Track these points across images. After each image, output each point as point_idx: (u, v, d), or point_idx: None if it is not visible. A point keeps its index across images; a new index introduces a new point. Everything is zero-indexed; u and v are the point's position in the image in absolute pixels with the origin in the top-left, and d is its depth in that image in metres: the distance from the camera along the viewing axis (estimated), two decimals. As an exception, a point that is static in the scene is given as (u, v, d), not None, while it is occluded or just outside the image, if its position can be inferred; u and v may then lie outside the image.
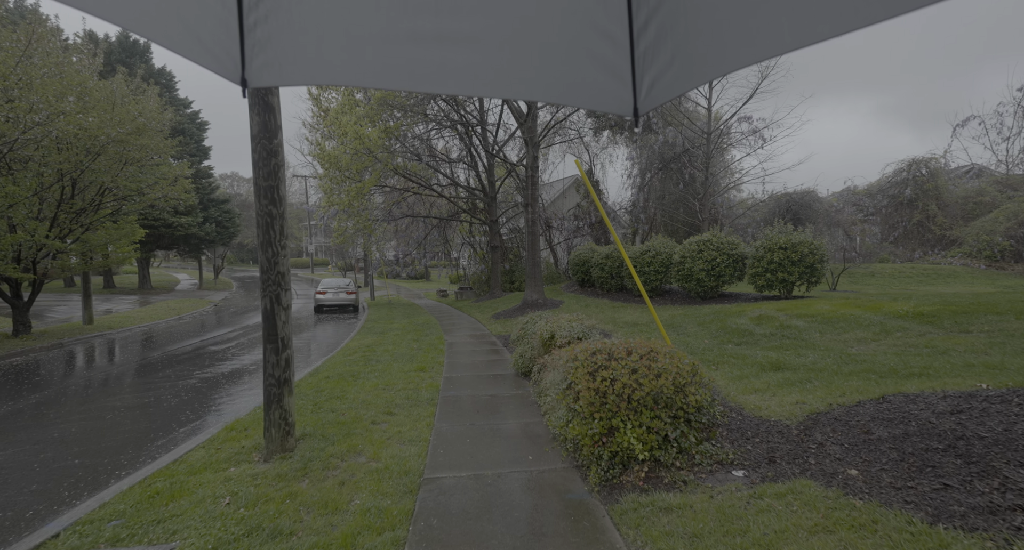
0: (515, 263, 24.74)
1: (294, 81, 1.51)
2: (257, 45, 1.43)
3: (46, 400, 6.75)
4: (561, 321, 6.25)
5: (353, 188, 16.53)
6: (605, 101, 1.58)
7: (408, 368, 7.79)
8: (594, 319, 11.98)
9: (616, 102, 1.57)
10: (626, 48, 1.48)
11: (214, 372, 8.57)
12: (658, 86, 1.49)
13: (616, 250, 14.70)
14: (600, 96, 1.58)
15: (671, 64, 1.41)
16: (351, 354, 9.24)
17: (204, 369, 8.80)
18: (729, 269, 11.33)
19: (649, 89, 1.51)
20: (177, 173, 13.52)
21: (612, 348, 4.00)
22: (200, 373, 8.46)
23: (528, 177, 14.28)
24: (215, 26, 1.36)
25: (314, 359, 9.49)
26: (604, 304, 13.53)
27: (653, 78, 1.48)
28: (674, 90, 1.46)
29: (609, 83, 1.53)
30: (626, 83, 1.53)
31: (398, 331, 12.52)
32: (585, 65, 1.51)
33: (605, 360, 3.80)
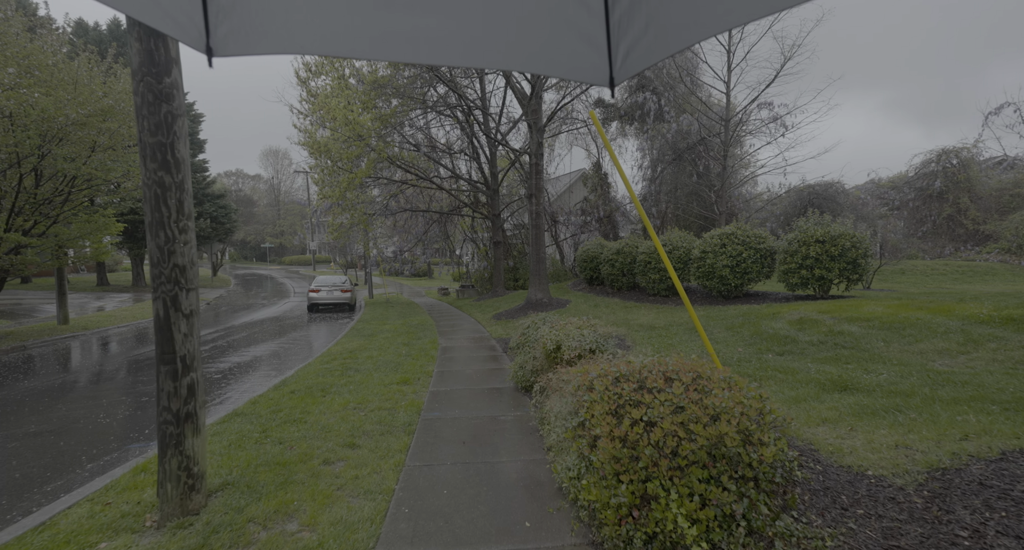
0: (519, 260, 23.59)
1: (262, 50, 1.44)
2: (221, 11, 1.37)
3: (-40, 418, 5.71)
4: (569, 328, 5.10)
5: (345, 179, 15.44)
6: (581, 70, 1.57)
7: (390, 380, 6.68)
8: (604, 321, 10.83)
9: (592, 71, 1.57)
10: (601, 16, 1.47)
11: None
12: (633, 54, 1.48)
13: (628, 245, 13.52)
14: (576, 65, 1.57)
15: (645, 32, 1.40)
16: (330, 361, 8.15)
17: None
18: (756, 265, 10.12)
19: (624, 57, 1.50)
20: None
21: (642, 372, 2.84)
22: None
23: (532, 165, 13.12)
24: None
25: (288, 366, 8.42)
26: (615, 304, 12.36)
27: (628, 46, 1.47)
28: (649, 58, 1.45)
29: (585, 51, 1.52)
30: (602, 51, 1.52)
31: (389, 333, 11.42)
32: (561, 33, 1.49)
33: (635, 392, 2.65)
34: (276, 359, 9.28)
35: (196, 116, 29.69)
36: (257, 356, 9.57)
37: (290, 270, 55.13)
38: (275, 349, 10.40)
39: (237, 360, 9.13)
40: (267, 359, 9.25)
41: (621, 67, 1.51)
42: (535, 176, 13.11)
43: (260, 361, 9.05)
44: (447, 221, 23.20)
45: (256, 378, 7.66)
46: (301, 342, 11.38)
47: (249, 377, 7.74)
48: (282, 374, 7.69)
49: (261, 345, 10.94)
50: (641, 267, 12.46)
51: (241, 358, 9.35)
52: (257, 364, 8.78)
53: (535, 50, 1.52)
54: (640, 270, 12.56)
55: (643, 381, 2.75)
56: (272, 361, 9.07)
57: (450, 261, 31.10)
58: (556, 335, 4.91)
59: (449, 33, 1.43)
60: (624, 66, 1.50)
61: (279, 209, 67.75)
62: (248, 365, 8.69)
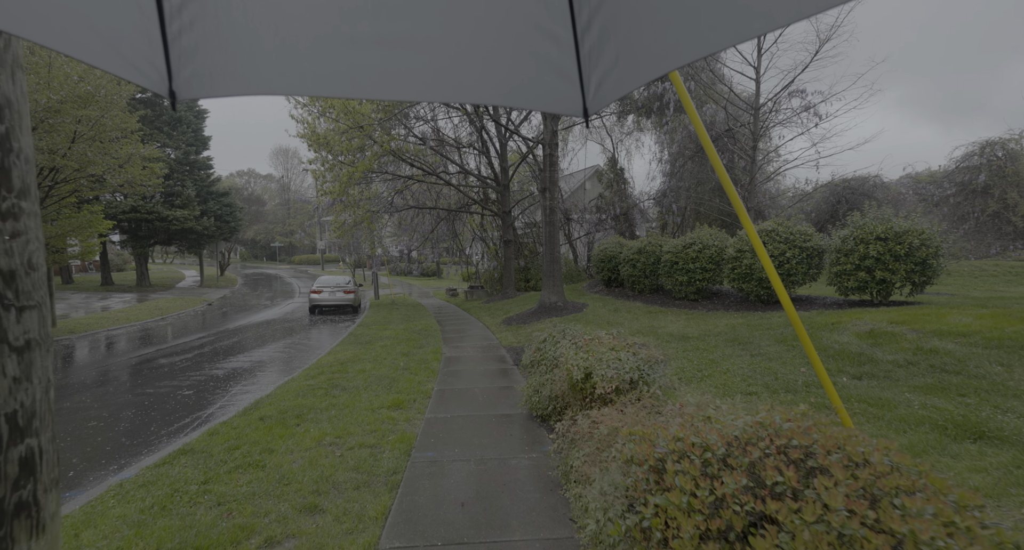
0: (530, 260, 22.49)
1: (228, 92, 1.43)
2: (184, 55, 1.35)
3: None
4: (599, 347, 3.99)
5: (345, 173, 14.48)
6: (554, 102, 1.58)
7: (380, 402, 5.63)
8: (627, 329, 9.68)
9: (565, 103, 1.57)
10: (571, 48, 1.47)
11: (122, 403, 6.55)
12: (605, 85, 1.48)
13: (650, 244, 12.34)
14: (549, 97, 1.57)
15: (616, 63, 1.40)
16: (316, 375, 7.13)
17: (125, 394, 6.80)
18: (802, 266, 8.89)
19: (597, 89, 1.50)
20: (131, 152, 11.52)
21: (746, 447, 1.73)
22: (114, 401, 6.45)
23: (546, 157, 12.01)
24: (134, 35, 1.26)
25: (270, 380, 7.42)
26: (637, 309, 11.20)
27: (600, 77, 1.47)
28: (621, 88, 1.44)
29: (557, 84, 1.52)
30: (574, 83, 1.52)
31: (389, 340, 10.41)
32: (531, 66, 1.49)
33: (744, 491, 1.53)
34: (260, 371, 8.30)
35: (200, 112, 29.07)
36: (239, 367, 8.61)
37: (299, 269, 54.71)
38: (262, 358, 9.44)
39: (215, 372, 8.17)
40: (249, 371, 8.28)
41: (594, 98, 1.52)
42: (549, 169, 12.00)
43: (240, 374, 8.08)
44: (455, 219, 22.18)
45: (229, 396, 6.67)
46: (293, 350, 10.41)
47: (221, 394, 6.75)
48: (259, 391, 6.69)
49: (249, 353, 10.00)
50: (666, 268, 11.28)
51: (221, 369, 8.39)
52: (236, 377, 7.80)
53: (507, 84, 1.53)
54: (665, 271, 11.39)
55: (753, 466, 1.63)
56: (254, 373, 8.09)
57: (459, 261, 30.11)
58: (584, 360, 3.79)
59: (419, 69, 1.43)
60: (597, 97, 1.52)
61: (289, 208, 67.52)
62: (226, 378, 7.71)
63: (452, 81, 1.48)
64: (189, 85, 1.38)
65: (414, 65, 1.41)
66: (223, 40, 1.34)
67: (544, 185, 12.09)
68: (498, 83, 1.51)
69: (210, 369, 8.39)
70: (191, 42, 1.33)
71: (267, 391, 6.49)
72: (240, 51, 1.35)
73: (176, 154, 26.95)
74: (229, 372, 8.14)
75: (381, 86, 1.44)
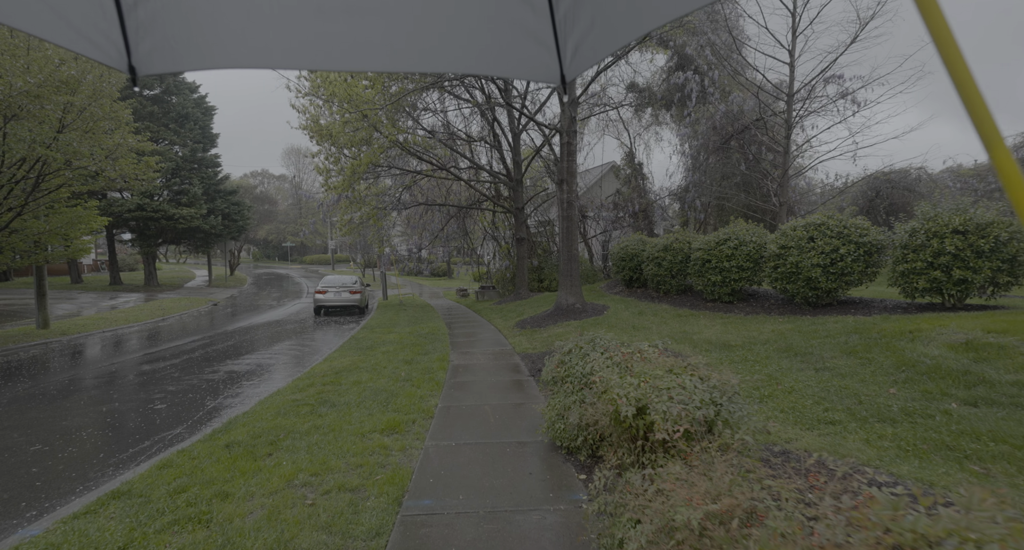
0: (543, 259, 21.53)
1: (190, 66, 1.37)
2: (141, 28, 1.27)
3: None
4: (650, 369, 3.01)
5: (349, 167, 13.67)
6: (532, 69, 1.54)
7: (373, 424, 4.72)
8: (656, 334, 8.66)
9: (543, 70, 1.53)
10: (546, 14, 1.43)
11: (82, 421, 5.74)
12: (582, 50, 1.45)
13: (677, 240, 11.28)
14: (526, 65, 1.54)
15: (592, 27, 1.37)
16: (305, 387, 6.26)
17: (90, 407, 6.00)
18: (859, 264, 7.79)
19: (573, 54, 1.47)
20: (119, 142, 10.76)
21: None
22: (73, 417, 5.64)
23: (563, 146, 11.03)
24: (87, 7, 1.19)
25: (254, 393, 6.57)
26: (664, 311, 10.16)
27: (576, 43, 1.44)
28: (598, 53, 1.43)
29: (533, 50, 1.48)
30: (550, 49, 1.48)
31: (392, 345, 9.53)
32: (506, 33, 1.45)
33: None
34: (247, 380, 7.46)
35: (208, 109, 28.64)
36: (225, 376, 7.79)
37: (310, 269, 54.47)
38: (254, 365, 8.62)
39: (198, 382, 7.35)
40: (234, 381, 7.45)
41: (571, 64, 1.49)
42: (567, 158, 11.03)
43: (224, 384, 7.25)
44: (466, 216, 21.30)
45: (204, 412, 5.82)
46: (289, 355, 9.59)
47: (195, 410, 5.91)
48: (239, 406, 5.84)
49: (240, 359, 9.20)
50: (696, 267, 10.22)
51: (205, 378, 7.58)
52: (219, 388, 6.97)
53: (483, 51, 1.49)
54: (695, 270, 10.32)
55: None
56: (239, 384, 7.26)
57: (469, 261, 29.25)
58: (636, 388, 2.80)
59: (391, 38, 1.38)
60: (574, 63, 1.49)
61: (300, 208, 67.42)
62: (207, 389, 6.89)
63: (426, 49, 1.44)
64: (149, 60, 1.32)
65: (386, 33, 1.35)
66: (183, 11, 1.27)
67: (561, 176, 11.11)
68: (473, 51, 1.48)
69: (193, 378, 7.58)
70: (148, 14, 1.27)
71: (247, 406, 5.63)
72: (202, 22, 1.28)
73: (183, 152, 26.52)
74: (212, 382, 7.32)
75: (352, 57, 1.40)
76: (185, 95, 27.35)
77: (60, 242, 12.35)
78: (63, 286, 28.56)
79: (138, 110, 25.16)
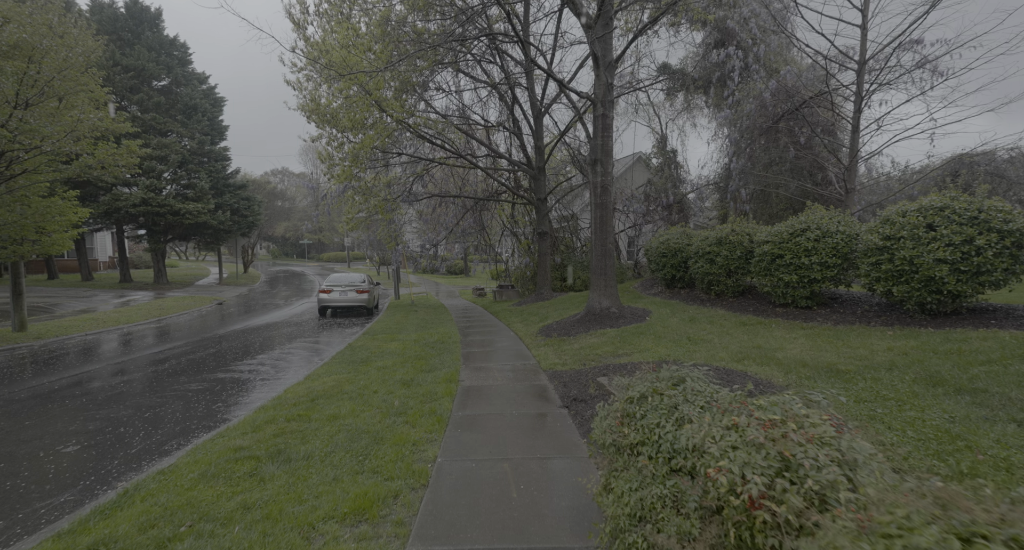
0: (567, 255, 19.72)
1: None
2: None
3: None
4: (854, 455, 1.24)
5: (351, 149, 12.14)
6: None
7: (332, 505, 3.08)
8: (721, 350, 6.85)
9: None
10: None
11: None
12: None
13: (734, 232, 9.38)
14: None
15: None
16: (264, 425, 4.67)
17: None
18: (1003, 259, 5.83)
19: None
20: (78, 117, 9.26)
21: None
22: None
23: (597, 119, 9.24)
24: None
25: (200, 427, 5.02)
26: (722, 318, 8.31)
27: None
28: None
29: None
30: None
31: (392, 357, 7.92)
32: None
33: None
34: (200, 406, 5.93)
35: (218, 100, 27.64)
36: (178, 398, 6.28)
37: (326, 267, 53.71)
38: (218, 383, 7.11)
39: (137, 409, 5.85)
40: (186, 408, 5.92)
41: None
42: (601, 134, 9.23)
43: (171, 413, 5.73)
44: (482, 209, 19.62)
45: (120, 462, 4.27)
46: (268, 368, 8.07)
47: (113, 455, 4.37)
48: (164, 456, 4.27)
49: (211, 373, 7.71)
50: (763, 263, 8.33)
51: (153, 402, 6.08)
52: (160, 419, 5.45)
53: None
54: (760, 268, 8.43)
55: None
56: (188, 414, 5.73)
57: (486, 258, 27.61)
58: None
59: None
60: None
61: (317, 205, 66.87)
62: (145, 422, 5.37)
63: None
64: None
65: None
66: None
67: (594, 156, 9.31)
68: None
69: (139, 402, 6.10)
70: None
71: (174, 457, 4.07)
72: None
73: (190, 144, 25.52)
74: (156, 412, 5.80)
75: None
76: (193, 86, 26.37)
77: (34, 235, 11.13)
78: (73, 284, 27.99)
79: (144, 101, 24.25)
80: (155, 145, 23.54)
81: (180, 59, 26.31)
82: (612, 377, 5.74)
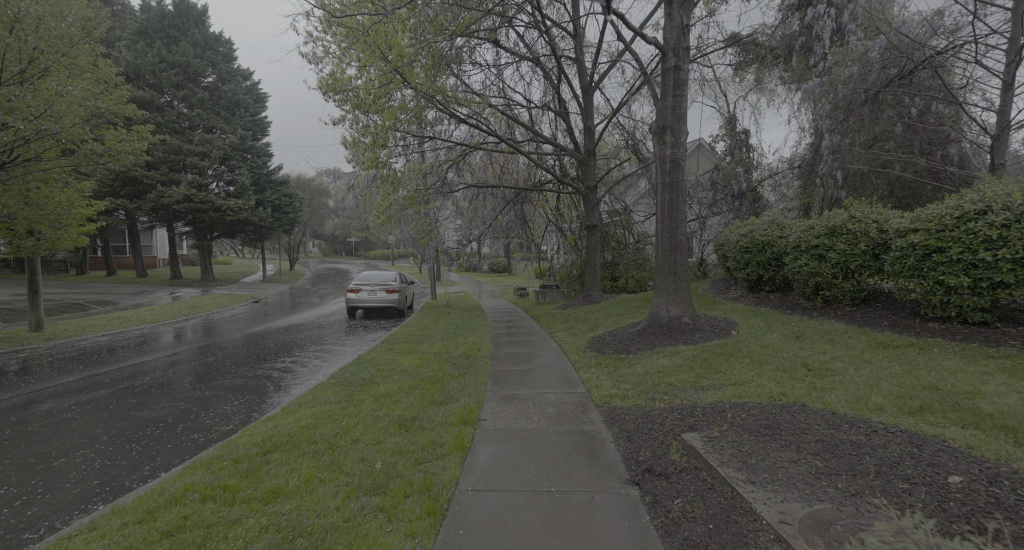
0: (618, 252, 17.49)
1: None
2: None
3: None
4: None
5: (371, 132, 10.67)
6: None
7: None
8: (874, 390, 4.53)
9: None
10: None
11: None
12: None
13: (855, 219, 6.99)
14: None
15: None
16: (169, 505, 3.08)
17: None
18: None
19: None
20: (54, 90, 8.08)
21: None
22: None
23: (668, 73, 7.14)
24: None
25: (102, 485, 3.53)
26: (841, 334, 6.02)
27: None
28: None
29: None
30: None
31: (402, 378, 6.25)
32: None
33: None
34: (137, 445, 4.48)
35: (261, 95, 27.48)
36: (112, 440, 4.89)
37: (372, 264, 53.90)
38: (172, 414, 5.71)
39: (53, 456, 4.48)
40: (110, 451, 4.50)
41: None
42: (672, 92, 7.12)
43: (91, 460, 4.31)
44: (524, 201, 17.78)
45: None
46: (252, 391, 6.63)
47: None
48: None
49: (186, 394, 6.37)
50: (908, 261, 5.95)
51: (66, 446, 4.71)
52: (70, 469, 4.03)
53: None
54: (904, 267, 6.04)
55: None
56: (112, 463, 4.28)
57: (529, 256, 25.76)
58: None
59: None
60: None
61: (343, 198, 67.60)
62: (52, 477, 3.96)
63: None
64: None
65: None
66: None
67: (664, 121, 7.21)
68: None
69: (68, 439, 4.76)
70: None
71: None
72: None
73: (232, 140, 25.39)
74: (74, 459, 4.41)
75: None
76: (237, 82, 26.27)
77: (47, 229, 10.45)
78: (128, 281, 28.81)
79: (189, 97, 24.28)
80: (198, 141, 23.49)
81: (225, 55, 26.28)
82: (707, 431, 3.73)
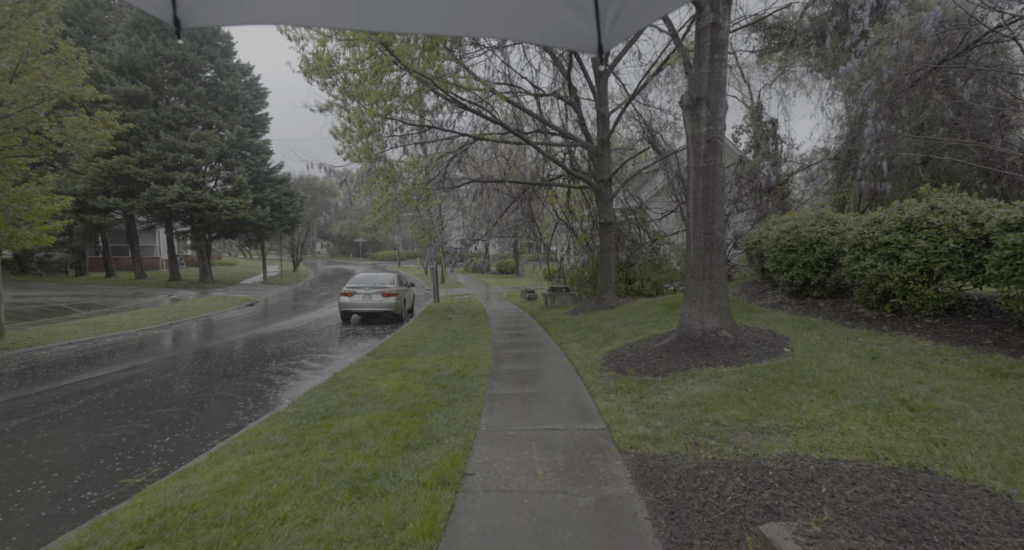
0: (633, 253, 16.17)
1: (233, 20, 1.40)
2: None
3: None
4: None
5: (356, 117, 9.53)
6: (569, 37, 1.53)
7: None
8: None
9: (580, 38, 1.51)
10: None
11: None
12: (622, 18, 1.44)
13: (937, 210, 5.65)
14: (563, 32, 1.53)
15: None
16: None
17: None
18: None
19: (613, 22, 1.46)
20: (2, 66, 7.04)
21: None
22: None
23: (702, 34, 5.87)
24: None
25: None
26: (933, 355, 4.69)
27: (617, 9, 1.43)
28: (642, 18, 1.40)
29: (572, 18, 1.47)
30: (590, 17, 1.47)
31: (374, 408, 5.05)
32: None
33: None
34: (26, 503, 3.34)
35: (260, 91, 26.61)
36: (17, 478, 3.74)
37: (378, 265, 53.12)
38: (91, 449, 4.57)
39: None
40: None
41: (610, 32, 1.48)
42: (710, 57, 5.84)
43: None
44: (532, 197, 16.54)
45: None
46: (194, 422, 5.48)
47: None
48: None
49: (116, 423, 5.24)
50: (1021, 261, 4.61)
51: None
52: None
53: (520, 16, 1.47)
54: (1014, 270, 4.70)
55: None
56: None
57: (536, 257, 24.51)
58: None
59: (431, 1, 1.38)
60: (613, 31, 1.46)
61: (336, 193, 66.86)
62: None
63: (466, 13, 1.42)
64: (194, 12, 1.34)
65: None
66: None
67: (698, 92, 5.93)
68: (513, 16, 1.46)
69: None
70: None
71: None
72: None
73: (229, 136, 24.52)
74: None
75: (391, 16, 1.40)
76: (236, 77, 25.43)
77: (5, 228, 9.47)
78: (125, 282, 28.11)
79: (185, 93, 23.46)
80: (194, 137, 22.64)
81: (223, 49, 25.45)
82: (799, 522, 2.45)
